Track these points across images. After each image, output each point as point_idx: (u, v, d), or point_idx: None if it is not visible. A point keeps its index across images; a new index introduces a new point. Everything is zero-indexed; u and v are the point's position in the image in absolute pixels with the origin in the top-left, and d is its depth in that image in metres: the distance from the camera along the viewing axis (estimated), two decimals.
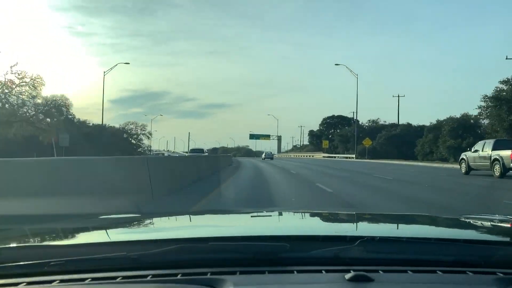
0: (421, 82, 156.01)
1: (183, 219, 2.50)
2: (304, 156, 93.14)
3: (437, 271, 1.38)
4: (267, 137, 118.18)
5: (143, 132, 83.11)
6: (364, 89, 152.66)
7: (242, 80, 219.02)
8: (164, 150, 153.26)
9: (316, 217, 2.72)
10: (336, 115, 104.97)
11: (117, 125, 77.20)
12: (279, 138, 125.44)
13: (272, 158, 67.26)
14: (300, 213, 2.93)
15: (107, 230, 2.10)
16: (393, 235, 1.78)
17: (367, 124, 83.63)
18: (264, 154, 76.04)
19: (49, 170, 7.87)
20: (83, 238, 1.86)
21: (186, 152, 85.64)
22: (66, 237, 1.86)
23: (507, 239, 1.91)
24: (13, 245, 1.65)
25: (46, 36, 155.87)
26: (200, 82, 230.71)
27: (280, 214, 2.86)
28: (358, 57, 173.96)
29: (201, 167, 19.32)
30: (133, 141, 73.36)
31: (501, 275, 1.36)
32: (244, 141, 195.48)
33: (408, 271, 1.37)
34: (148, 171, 9.94)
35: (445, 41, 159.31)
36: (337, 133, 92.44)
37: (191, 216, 2.72)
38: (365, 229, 2.26)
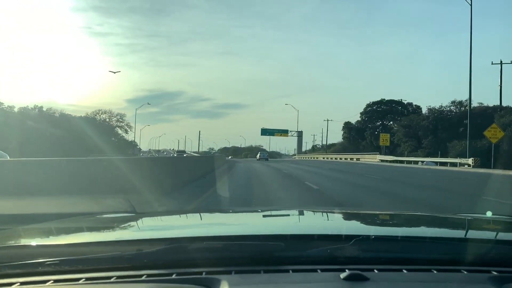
0: (443, 81, 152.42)
1: (178, 219, 2.50)
2: (341, 158, 63.48)
3: (432, 270, 1.38)
4: (284, 132, 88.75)
5: (120, 125, 63.76)
6: (391, 89, 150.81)
7: (257, 80, 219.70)
8: (172, 149, 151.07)
9: (311, 216, 2.72)
10: (386, 99, 70.27)
11: (84, 114, 60.32)
12: (299, 134, 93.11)
13: (267, 159, 61.28)
14: (295, 212, 2.93)
15: (102, 230, 2.09)
16: (388, 234, 1.78)
17: (448, 108, 51.55)
18: (259, 154, 70.47)
19: (45, 170, 7.85)
20: (77, 237, 1.86)
21: (195, 153, 79.77)
22: (60, 236, 1.85)
23: (501, 237, 1.91)
24: (6, 244, 1.64)
25: (64, 36, 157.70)
26: (215, 83, 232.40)
27: (275, 213, 2.86)
28: (376, 57, 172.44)
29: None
30: (105, 135, 54.33)
31: (496, 273, 1.37)
32: (259, 141, 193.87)
33: (403, 270, 1.37)
34: None
35: (462, 42, 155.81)
36: (400, 122, 58.42)
37: (186, 215, 2.72)
38: (360, 228, 2.27)
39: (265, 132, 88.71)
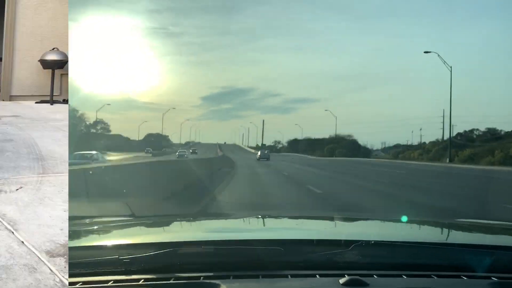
0: None
1: (176, 223, 2.49)
2: None
3: (432, 276, 1.37)
4: None
5: None
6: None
7: (329, 74, 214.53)
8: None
9: (310, 221, 2.71)
10: None
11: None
12: None
13: (268, 159, 47.01)
14: (295, 217, 2.91)
15: (99, 233, 2.08)
16: (388, 239, 1.77)
17: None
18: (259, 153, 55.29)
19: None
20: (74, 241, 1.85)
21: (253, 148, 69.97)
22: None
23: (502, 243, 1.91)
24: None
25: (142, 36, 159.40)
26: (286, 78, 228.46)
27: (274, 218, 2.85)
28: (456, 45, 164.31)
29: None
30: None
31: (496, 279, 1.36)
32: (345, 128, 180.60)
33: (403, 276, 1.36)
34: None
35: None
36: None
37: (184, 220, 2.71)
38: (359, 233, 2.25)
39: None
